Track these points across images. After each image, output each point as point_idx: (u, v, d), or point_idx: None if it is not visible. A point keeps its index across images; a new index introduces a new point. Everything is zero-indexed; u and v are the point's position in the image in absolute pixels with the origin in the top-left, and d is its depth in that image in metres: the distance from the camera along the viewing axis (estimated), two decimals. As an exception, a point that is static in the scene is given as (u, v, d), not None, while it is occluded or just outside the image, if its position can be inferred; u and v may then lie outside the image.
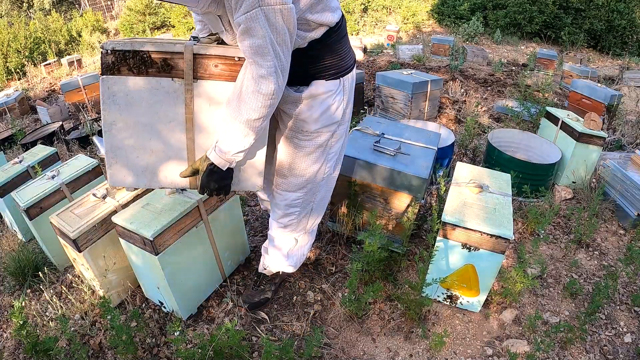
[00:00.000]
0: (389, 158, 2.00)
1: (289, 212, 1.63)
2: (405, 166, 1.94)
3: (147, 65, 1.23)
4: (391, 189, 1.98)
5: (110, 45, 1.21)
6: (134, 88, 1.26)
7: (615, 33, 9.06)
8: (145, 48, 1.22)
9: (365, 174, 2.01)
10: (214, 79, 1.28)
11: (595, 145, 2.68)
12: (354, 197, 2.07)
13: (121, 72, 1.23)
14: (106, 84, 1.25)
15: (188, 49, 1.23)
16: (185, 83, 1.27)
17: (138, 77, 1.25)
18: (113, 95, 1.26)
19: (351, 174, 2.04)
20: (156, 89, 1.27)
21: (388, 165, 1.94)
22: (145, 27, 11.30)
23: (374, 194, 2.04)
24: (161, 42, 1.25)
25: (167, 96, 1.28)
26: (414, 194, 1.94)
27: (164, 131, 1.34)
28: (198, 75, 1.26)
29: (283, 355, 1.45)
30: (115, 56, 1.21)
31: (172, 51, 1.23)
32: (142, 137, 1.33)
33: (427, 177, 1.89)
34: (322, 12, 1.25)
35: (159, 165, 1.38)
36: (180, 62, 1.24)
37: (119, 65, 1.22)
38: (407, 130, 2.36)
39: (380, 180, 1.98)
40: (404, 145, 2.13)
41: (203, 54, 1.24)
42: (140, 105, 1.28)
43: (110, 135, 1.31)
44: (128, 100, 1.27)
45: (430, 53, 7.06)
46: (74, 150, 3.78)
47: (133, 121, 1.30)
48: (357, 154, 2.02)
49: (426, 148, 2.14)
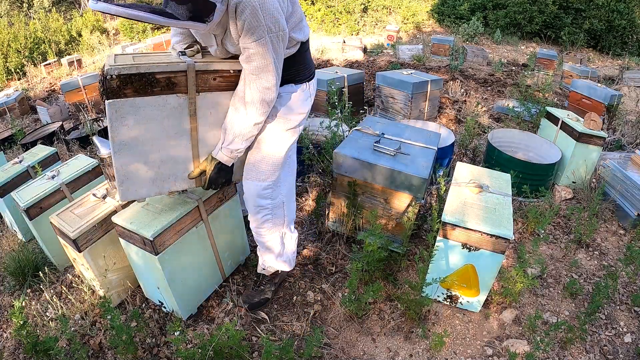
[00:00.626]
0: (389, 158, 1.99)
1: (260, 204, 1.66)
2: (405, 166, 1.93)
3: (152, 85, 1.30)
4: (391, 189, 1.97)
5: (116, 71, 1.23)
6: (142, 108, 1.31)
7: (615, 33, 9.06)
8: (151, 70, 1.28)
9: (366, 173, 1.99)
10: (213, 90, 1.43)
11: (595, 145, 2.68)
12: (354, 197, 2.06)
13: (127, 94, 1.28)
14: (114, 108, 1.27)
15: (191, 67, 1.34)
16: (189, 97, 1.39)
17: (145, 97, 1.31)
18: (121, 118, 1.30)
19: (352, 174, 2.03)
20: (162, 105, 1.35)
21: (388, 165, 1.93)
22: (145, 27, 11.29)
23: (374, 194, 2.03)
24: (160, 62, 1.32)
25: (173, 111, 1.38)
26: (414, 194, 1.93)
27: (171, 143, 1.43)
28: (199, 89, 1.40)
29: (283, 355, 1.45)
30: (120, 80, 1.24)
31: (176, 70, 1.33)
32: (151, 152, 1.41)
33: (427, 177, 1.88)
34: (300, 30, 1.48)
35: (167, 173, 1.49)
36: (183, 79, 1.35)
37: (124, 88, 1.26)
38: (407, 130, 2.35)
39: (380, 180, 1.98)
40: (404, 145, 2.12)
41: (205, 70, 1.38)
42: (148, 122, 1.35)
43: (121, 156, 1.36)
44: (137, 120, 1.33)
45: (430, 53, 7.06)
46: (74, 150, 3.78)
47: (142, 139, 1.37)
48: (357, 154, 2.00)
49: (426, 148, 2.12)
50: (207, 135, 1.51)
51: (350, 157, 1.99)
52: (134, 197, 1.47)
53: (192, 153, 1.51)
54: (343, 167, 2.04)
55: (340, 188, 2.10)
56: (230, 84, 1.45)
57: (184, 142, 1.46)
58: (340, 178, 2.07)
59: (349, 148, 2.04)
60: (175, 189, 1.55)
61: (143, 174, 1.43)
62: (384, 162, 1.95)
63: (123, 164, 1.38)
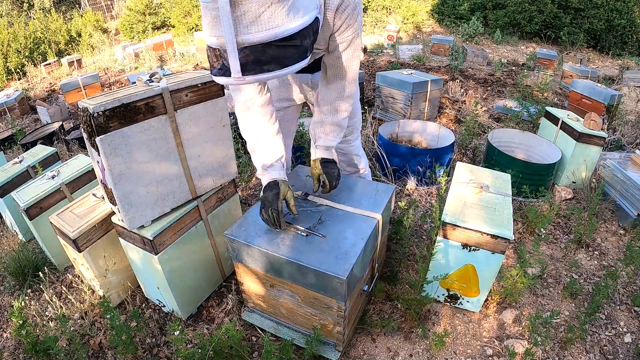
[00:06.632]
0: (297, 242, 1.42)
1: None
2: (317, 257, 1.35)
3: (135, 113, 1.40)
4: (305, 288, 1.42)
5: (101, 107, 1.31)
6: (130, 136, 1.41)
7: (615, 33, 9.05)
8: (131, 100, 1.37)
9: (265, 264, 1.46)
10: (187, 105, 1.55)
11: (595, 145, 2.68)
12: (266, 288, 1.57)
13: (114, 127, 1.36)
14: (106, 142, 1.35)
15: (165, 89, 1.46)
16: (169, 116, 1.50)
17: (131, 125, 1.40)
18: (115, 150, 1.38)
19: (250, 264, 1.51)
20: (147, 129, 1.45)
21: (290, 256, 1.36)
22: (145, 27, 11.30)
23: (284, 289, 1.51)
24: (137, 91, 1.41)
25: (157, 132, 1.49)
26: (331, 296, 1.37)
27: (163, 162, 1.54)
28: (176, 107, 1.52)
29: (283, 355, 1.45)
30: (106, 115, 1.32)
31: (152, 95, 1.43)
32: (147, 175, 1.51)
33: (346, 278, 1.27)
34: None
35: (165, 192, 1.61)
36: (160, 101, 1.46)
37: (110, 121, 1.34)
38: (346, 184, 1.76)
39: (286, 275, 1.43)
40: (330, 213, 1.57)
41: (177, 89, 1.49)
42: (139, 148, 1.44)
43: (121, 186, 1.44)
44: (128, 149, 1.41)
45: (430, 53, 7.06)
46: (74, 150, 3.78)
47: (137, 165, 1.46)
48: (252, 237, 1.45)
49: (364, 217, 1.54)
50: (191, 148, 1.63)
51: (243, 242, 1.45)
52: (142, 222, 1.56)
53: (182, 166, 1.62)
54: (237, 254, 1.52)
55: (244, 275, 1.61)
56: (201, 96, 1.58)
57: (173, 158, 1.58)
58: (241, 266, 1.57)
59: (246, 226, 1.51)
60: (176, 205, 1.66)
61: (144, 198, 1.53)
62: (285, 251, 1.38)
63: (125, 193, 1.46)
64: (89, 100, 1.36)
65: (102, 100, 1.34)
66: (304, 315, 1.55)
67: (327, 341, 1.57)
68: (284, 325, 1.66)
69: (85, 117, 1.33)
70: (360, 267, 1.44)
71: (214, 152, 1.72)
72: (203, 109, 1.60)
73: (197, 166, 1.67)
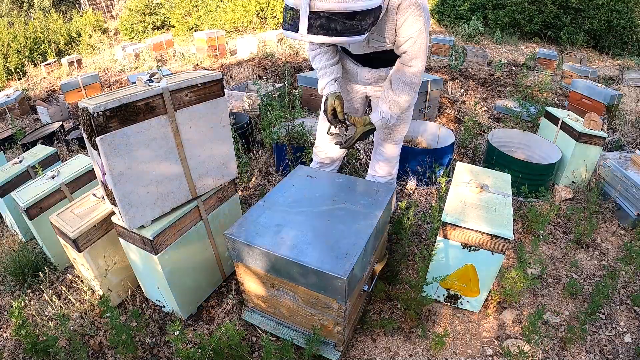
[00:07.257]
0: (298, 241, 1.44)
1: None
2: (317, 256, 1.36)
3: (135, 113, 1.40)
4: (304, 287, 1.43)
5: (101, 107, 1.30)
6: (130, 136, 1.41)
7: (614, 33, 9.05)
8: (131, 100, 1.36)
9: (266, 264, 1.47)
10: (187, 105, 1.54)
11: (595, 145, 2.68)
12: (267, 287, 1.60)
13: (114, 127, 1.36)
14: (106, 142, 1.35)
15: (165, 89, 1.45)
16: (169, 116, 1.50)
17: (131, 125, 1.40)
18: (115, 150, 1.38)
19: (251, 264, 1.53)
20: (147, 129, 1.45)
21: (290, 255, 1.38)
22: (145, 27, 11.30)
23: (285, 289, 1.53)
24: (137, 91, 1.41)
25: (157, 132, 1.48)
26: (331, 296, 1.38)
27: (163, 162, 1.54)
28: (176, 107, 1.51)
29: (283, 355, 1.45)
30: (106, 115, 1.32)
31: (152, 95, 1.43)
32: (148, 175, 1.51)
33: (346, 278, 1.28)
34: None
35: (165, 192, 1.59)
36: (160, 101, 1.46)
37: (110, 121, 1.34)
38: (346, 184, 1.79)
39: (285, 274, 1.45)
40: (330, 213, 1.60)
41: (177, 89, 1.49)
42: (139, 148, 1.44)
43: (121, 186, 1.44)
44: (128, 149, 1.41)
45: (430, 53, 7.06)
46: (74, 150, 3.78)
47: (137, 165, 1.46)
48: (252, 236, 1.48)
49: (365, 217, 1.56)
50: (191, 148, 1.63)
51: (244, 242, 1.47)
52: (142, 222, 1.56)
53: (182, 166, 1.62)
54: (238, 254, 1.55)
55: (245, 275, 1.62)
56: (201, 96, 1.58)
57: (173, 158, 1.58)
58: (241, 266, 1.59)
59: (246, 226, 1.53)
60: (176, 205, 1.66)
61: (144, 198, 1.53)
62: (285, 251, 1.40)
63: (125, 193, 1.47)
64: (89, 100, 1.36)
65: (102, 100, 1.34)
66: (304, 315, 1.55)
67: (327, 341, 1.58)
68: (284, 325, 1.67)
69: (85, 117, 1.33)
70: (360, 267, 1.45)
71: (214, 152, 1.72)
72: (203, 108, 1.60)
73: (197, 166, 1.67)
